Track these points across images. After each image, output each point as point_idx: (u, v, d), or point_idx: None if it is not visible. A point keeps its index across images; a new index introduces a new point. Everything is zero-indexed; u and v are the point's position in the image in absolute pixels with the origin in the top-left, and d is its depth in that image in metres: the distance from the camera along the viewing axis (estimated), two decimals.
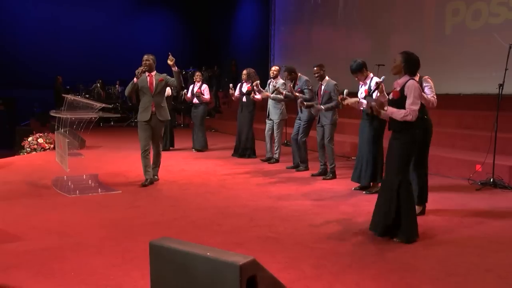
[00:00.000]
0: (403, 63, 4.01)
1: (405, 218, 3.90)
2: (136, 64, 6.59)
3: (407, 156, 4.02)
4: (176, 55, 6.57)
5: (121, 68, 19.64)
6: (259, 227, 4.42)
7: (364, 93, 5.63)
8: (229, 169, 7.50)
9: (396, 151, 3.97)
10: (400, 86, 4.02)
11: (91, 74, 18.15)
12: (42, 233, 4.18)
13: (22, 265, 3.41)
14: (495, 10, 10.10)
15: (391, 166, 4.00)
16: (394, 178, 3.96)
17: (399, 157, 3.96)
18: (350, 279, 3.18)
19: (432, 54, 10.99)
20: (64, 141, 5.72)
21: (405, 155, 4.00)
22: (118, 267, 3.40)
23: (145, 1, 21.21)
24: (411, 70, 4.06)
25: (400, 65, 4.01)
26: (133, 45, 20.87)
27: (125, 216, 4.80)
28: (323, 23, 15.64)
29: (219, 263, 2.44)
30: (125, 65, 19.87)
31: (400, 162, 3.99)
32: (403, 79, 4.04)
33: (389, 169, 4.03)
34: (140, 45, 21.04)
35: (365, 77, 5.79)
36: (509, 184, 6.08)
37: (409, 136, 3.98)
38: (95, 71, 18.81)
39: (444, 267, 3.41)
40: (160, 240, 2.77)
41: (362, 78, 5.79)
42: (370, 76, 5.83)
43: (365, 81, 5.76)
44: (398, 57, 4.05)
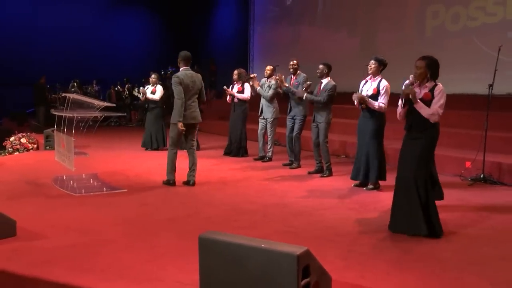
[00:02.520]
0: (427, 69, 4.17)
1: (429, 214, 4.08)
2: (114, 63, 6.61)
3: (429, 153, 4.21)
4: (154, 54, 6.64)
5: (98, 67, 19.46)
6: (274, 222, 4.55)
7: (373, 91, 5.83)
8: (226, 168, 7.60)
9: (419, 149, 4.12)
10: (429, 89, 4.17)
11: (68, 73, 17.84)
12: (62, 231, 4.19)
13: (56, 261, 3.44)
14: (473, 14, 10.52)
15: (410, 164, 4.15)
16: (412, 175, 4.10)
17: (421, 155, 4.11)
18: (379, 269, 3.35)
19: (413, 54, 11.10)
20: (69, 140, 5.70)
21: (428, 153, 4.19)
22: (151, 262, 3.47)
23: (122, 0, 20.99)
24: (436, 74, 4.22)
25: (425, 72, 4.16)
26: (110, 44, 20.68)
27: (138, 213, 4.86)
28: (302, 23, 15.88)
29: (275, 253, 2.56)
30: (102, 64, 19.74)
31: (422, 159, 4.14)
32: (430, 83, 4.19)
33: (406, 166, 4.19)
34: (117, 44, 20.91)
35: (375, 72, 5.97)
36: (498, 180, 6.40)
37: (431, 135, 4.17)
38: (71, 70, 18.52)
39: (463, 257, 3.63)
40: (209, 233, 2.87)
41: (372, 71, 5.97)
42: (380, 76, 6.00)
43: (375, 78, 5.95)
44: (421, 63, 4.17)
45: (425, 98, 4.17)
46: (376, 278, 3.20)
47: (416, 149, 4.14)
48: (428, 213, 4.11)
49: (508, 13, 9.90)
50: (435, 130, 4.17)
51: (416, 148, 4.15)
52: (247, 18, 18.45)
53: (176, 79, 6.03)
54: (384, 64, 5.94)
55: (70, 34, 19.57)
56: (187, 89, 6.03)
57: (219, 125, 13.53)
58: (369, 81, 5.98)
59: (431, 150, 4.22)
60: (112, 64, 19.92)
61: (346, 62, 12.29)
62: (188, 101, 6.04)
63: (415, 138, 4.20)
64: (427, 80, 4.20)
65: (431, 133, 4.16)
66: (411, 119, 4.24)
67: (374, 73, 5.95)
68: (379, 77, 5.92)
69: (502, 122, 7.90)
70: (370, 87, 5.93)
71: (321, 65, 6.94)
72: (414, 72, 4.24)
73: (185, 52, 6.33)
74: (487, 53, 10.10)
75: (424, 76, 4.19)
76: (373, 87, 5.89)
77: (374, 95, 5.83)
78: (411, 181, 4.13)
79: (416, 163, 4.12)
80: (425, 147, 4.14)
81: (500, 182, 6.36)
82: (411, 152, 4.18)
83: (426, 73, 4.17)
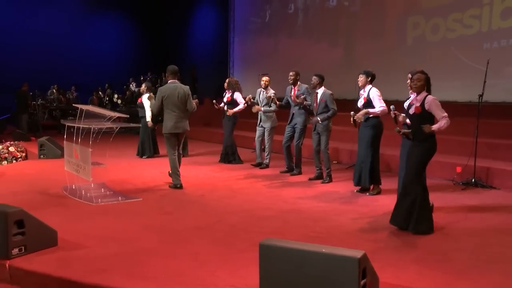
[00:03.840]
0: (425, 82, 4.59)
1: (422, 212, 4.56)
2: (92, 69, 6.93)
3: (428, 159, 4.69)
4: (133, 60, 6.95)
5: (75, 73, 19.32)
6: (297, 228, 4.85)
7: (363, 100, 6.23)
8: (227, 175, 7.85)
9: (420, 155, 4.60)
10: (420, 102, 4.58)
11: (45, 80, 17.72)
12: (99, 240, 4.36)
13: (111, 269, 3.63)
14: (451, 25, 11.11)
15: (411, 167, 4.64)
16: (411, 178, 4.62)
17: (421, 160, 4.62)
18: (410, 269, 3.68)
19: (394, 63, 11.90)
20: (86, 151, 5.83)
21: (427, 159, 4.68)
22: (199, 268, 3.69)
23: (98, 6, 20.89)
24: (429, 87, 4.67)
25: (424, 84, 4.59)
26: (86, 50, 20.55)
27: (162, 222, 5.06)
28: (282, 34, 16.27)
29: (336, 257, 2.85)
30: (80, 70, 19.60)
31: (421, 164, 4.65)
32: (421, 95, 4.61)
33: (407, 169, 4.69)
34: (95, 50, 20.82)
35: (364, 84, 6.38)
36: (487, 183, 6.89)
37: (432, 144, 4.61)
38: (48, 76, 18.36)
39: (480, 257, 4.01)
40: (268, 240, 3.14)
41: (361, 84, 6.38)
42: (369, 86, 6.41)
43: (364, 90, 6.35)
44: (421, 76, 4.62)
45: (416, 111, 4.62)
46: (409, 277, 3.53)
47: (418, 154, 4.63)
48: (424, 212, 4.60)
49: (483, 26, 10.52)
50: (434, 139, 4.61)
51: (418, 154, 4.63)
52: (227, 26, 18.70)
53: (158, 93, 6.60)
54: (371, 75, 6.37)
55: (46, 40, 19.39)
56: (170, 100, 6.49)
57: (205, 132, 13.75)
58: (361, 93, 6.40)
59: (430, 156, 4.69)
60: (90, 70, 19.83)
61: (329, 71, 12.57)
62: (173, 112, 6.50)
63: (417, 146, 4.66)
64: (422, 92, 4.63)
65: (431, 142, 4.62)
66: (414, 128, 4.67)
67: (363, 85, 6.38)
68: (368, 86, 6.34)
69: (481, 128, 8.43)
70: (361, 97, 6.36)
71: (314, 77, 7.29)
72: (412, 84, 4.66)
73: (173, 66, 6.72)
74: (465, 62, 10.76)
75: (423, 89, 4.61)
76: (363, 97, 6.32)
77: (366, 103, 6.26)
78: (410, 182, 4.62)
79: (416, 167, 4.62)
80: (425, 154, 4.64)
81: (489, 185, 6.84)
82: (415, 157, 4.65)
83: (425, 85, 4.58)
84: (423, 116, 4.58)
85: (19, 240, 3.85)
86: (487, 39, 10.43)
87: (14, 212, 3.82)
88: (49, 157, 9.55)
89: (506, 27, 10.13)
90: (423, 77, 4.61)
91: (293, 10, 15.75)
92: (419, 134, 4.62)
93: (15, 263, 3.76)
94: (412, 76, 4.78)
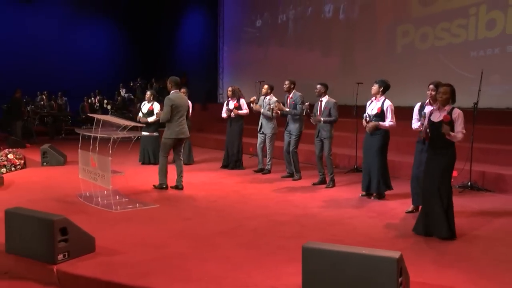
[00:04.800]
0: (451, 94, 4.89)
1: (448, 219, 4.83)
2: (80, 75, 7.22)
3: (452, 167, 4.98)
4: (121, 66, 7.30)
5: (62, 79, 19.30)
6: (315, 231, 5.15)
7: (377, 110, 6.54)
8: (232, 181, 8.12)
9: (444, 164, 4.86)
10: (447, 112, 4.90)
11: (32, 86, 17.69)
12: (132, 246, 4.57)
13: (154, 273, 3.87)
14: (439, 34, 11.60)
15: (435, 176, 4.87)
16: (437, 186, 4.85)
17: (446, 168, 4.88)
18: (429, 269, 4.01)
19: (385, 69, 12.31)
20: (105, 159, 6.03)
21: (452, 167, 4.97)
22: (236, 270, 3.95)
23: (86, 11, 20.91)
24: (455, 98, 4.97)
25: (449, 97, 4.88)
26: (74, 55, 20.56)
27: (186, 227, 5.29)
28: (273, 43, 16.68)
29: (375, 258, 3.16)
30: (66, 76, 19.59)
31: (447, 172, 4.92)
32: (448, 106, 4.92)
33: (432, 178, 4.91)
34: (82, 56, 20.81)
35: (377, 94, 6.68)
36: (483, 186, 7.31)
37: (453, 152, 4.94)
38: (35, 82, 18.33)
39: (497, 257, 4.35)
40: (310, 243, 3.42)
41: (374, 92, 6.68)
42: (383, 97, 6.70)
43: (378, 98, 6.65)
44: (447, 89, 4.87)
45: (445, 119, 4.90)
46: (431, 276, 3.86)
47: (441, 163, 4.88)
48: (448, 219, 4.85)
49: (470, 36, 11.03)
50: (455, 147, 4.93)
51: (441, 162, 4.89)
52: (216, 32, 18.97)
53: (168, 101, 7.08)
54: (385, 85, 6.66)
55: (32, 46, 19.37)
56: (178, 109, 7.11)
57: (199, 138, 13.95)
58: (374, 101, 6.70)
59: (453, 164, 4.98)
60: (78, 76, 19.87)
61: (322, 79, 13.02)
62: (179, 119, 7.13)
63: (439, 154, 4.92)
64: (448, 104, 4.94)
65: (453, 150, 4.92)
66: (435, 137, 4.95)
67: (375, 94, 6.68)
68: (382, 97, 6.64)
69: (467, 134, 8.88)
70: (375, 106, 6.65)
71: (319, 85, 7.63)
72: (438, 97, 4.93)
73: (176, 78, 7.37)
74: (453, 70, 11.22)
75: (448, 101, 4.92)
76: (377, 107, 6.61)
77: (379, 114, 6.55)
78: (436, 191, 4.87)
79: (441, 175, 4.87)
80: (449, 162, 4.91)
81: (485, 188, 7.27)
82: (437, 165, 4.89)
83: (450, 98, 4.90)
84: (449, 124, 4.85)
85: (63, 247, 4.06)
86: (474, 48, 10.94)
87: (59, 220, 4.04)
88: (52, 164, 9.65)
89: (491, 36, 10.65)
90: (448, 90, 4.87)
91: (284, 20, 16.14)
92: (439, 142, 4.89)
93: (62, 268, 3.98)
94: (438, 89, 4.99)
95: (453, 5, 11.27)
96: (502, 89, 10.31)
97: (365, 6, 13.41)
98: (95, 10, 20.89)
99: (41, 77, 18.94)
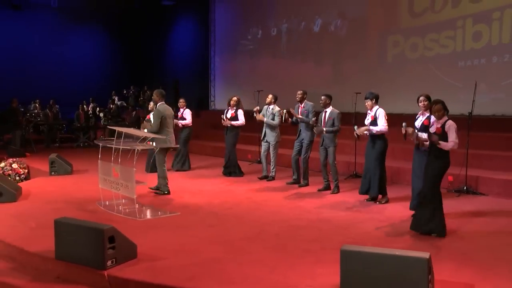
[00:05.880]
0: (443, 109, 5.45)
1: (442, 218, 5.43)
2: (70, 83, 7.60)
3: (444, 172, 5.54)
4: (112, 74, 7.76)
5: (53, 87, 19.44)
6: (334, 235, 5.56)
7: (371, 118, 7.04)
8: (240, 188, 8.50)
9: (437, 170, 5.44)
10: (441, 124, 5.43)
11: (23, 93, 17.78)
12: (170, 252, 4.91)
13: (200, 276, 4.23)
14: (428, 45, 12.21)
15: (429, 180, 5.45)
16: (430, 189, 5.44)
17: (438, 174, 5.47)
18: (447, 267, 4.46)
19: (376, 78, 12.93)
20: (129, 170, 6.35)
21: (443, 172, 5.54)
22: (273, 273, 4.33)
23: (77, 20, 21.07)
24: (447, 109, 5.53)
25: (444, 112, 5.48)
26: (65, 63, 20.70)
27: (212, 234, 5.64)
28: (265, 54, 17.17)
29: (408, 259, 3.58)
30: (57, 84, 19.72)
31: (438, 177, 5.51)
32: (443, 119, 5.47)
33: (426, 182, 5.50)
34: (73, 64, 20.97)
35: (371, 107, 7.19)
36: (477, 190, 7.84)
37: (447, 159, 5.48)
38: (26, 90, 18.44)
39: (497, 255, 4.84)
40: (348, 246, 3.84)
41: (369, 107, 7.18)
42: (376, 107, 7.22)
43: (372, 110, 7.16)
44: (440, 107, 5.48)
45: (438, 132, 5.47)
46: (448, 273, 4.30)
47: (435, 169, 5.47)
48: (443, 218, 5.46)
49: (457, 46, 11.66)
50: (448, 156, 5.48)
51: (435, 168, 5.47)
52: (207, 41, 19.33)
53: (159, 113, 7.66)
54: (374, 96, 7.20)
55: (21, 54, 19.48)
56: (167, 120, 7.68)
57: (196, 145, 14.22)
58: (369, 113, 7.21)
59: (445, 170, 5.57)
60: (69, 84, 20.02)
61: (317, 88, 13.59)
62: (168, 129, 7.70)
63: (434, 161, 5.49)
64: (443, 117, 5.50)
65: (446, 158, 5.50)
66: (432, 146, 5.51)
67: (370, 107, 7.19)
68: (376, 107, 7.16)
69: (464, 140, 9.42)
70: (369, 115, 7.18)
71: (323, 96, 8.07)
72: (435, 116, 5.50)
73: (161, 90, 8.10)
74: (442, 78, 11.83)
75: (444, 115, 5.46)
76: (371, 115, 7.15)
77: (372, 121, 7.07)
78: (429, 193, 5.47)
79: (434, 180, 5.47)
80: (441, 168, 5.50)
81: (479, 192, 7.80)
82: (432, 171, 5.48)
83: (444, 112, 5.44)
84: (442, 136, 5.41)
85: (111, 253, 4.39)
86: (461, 58, 11.57)
87: (108, 229, 4.37)
88: (60, 174, 9.88)
89: (477, 48, 11.30)
90: (441, 107, 5.48)
91: (276, 33, 16.66)
92: (436, 150, 5.46)
93: (111, 273, 4.31)
94: (433, 107, 5.55)
95: (441, 17, 11.89)
96: (488, 97, 10.90)
97: (356, 17, 13.98)
98: (86, 18, 21.09)
99: (31, 85, 19.09)
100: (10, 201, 7.12)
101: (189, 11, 20.46)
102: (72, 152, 14.38)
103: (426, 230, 5.47)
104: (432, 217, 5.43)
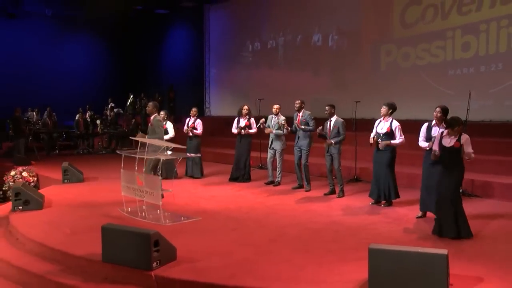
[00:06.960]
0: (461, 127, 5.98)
1: (462, 220, 5.90)
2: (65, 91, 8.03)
3: (461, 180, 6.09)
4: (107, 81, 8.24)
5: (48, 95, 19.64)
6: (350, 236, 6.07)
7: (387, 130, 7.55)
8: (250, 193, 8.98)
9: (456, 178, 5.93)
10: (457, 139, 5.95)
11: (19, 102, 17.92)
12: (204, 254, 5.34)
13: (239, 275, 4.69)
14: (420, 54, 12.85)
15: (449, 188, 5.92)
16: (450, 195, 5.90)
17: (458, 181, 5.98)
18: (461, 264, 4.99)
19: (370, 86, 13.55)
20: (155, 179, 6.78)
21: (461, 180, 6.10)
22: (303, 271, 4.82)
23: (71, 27, 21.30)
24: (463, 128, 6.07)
25: (459, 129, 5.95)
26: (59, 71, 20.92)
27: (237, 237, 6.11)
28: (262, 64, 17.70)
29: (429, 255, 4.10)
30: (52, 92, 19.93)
31: (459, 184, 6.06)
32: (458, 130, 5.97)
33: (446, 189, 5.95)
34: (67, 71, 21.19)
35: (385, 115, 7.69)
36: (473, 193, 8.44)
37: (463, 168, 6.03)
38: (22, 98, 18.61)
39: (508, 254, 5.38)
40: (375, 245, 4.35)
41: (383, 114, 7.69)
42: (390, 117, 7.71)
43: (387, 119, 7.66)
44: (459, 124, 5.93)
45: (455, 146, 5.95)
46: (463, 268, 4.83)
47: (454, 177, 5.94)
48: (463, 221, 5.93)
49: (448, 56, 12.32)
50: (463, 164, 6.00)
51: (453, 176, 5.95)
52: (202, 48, 19.76)
53: (160, 123, 8.36)
54: (393, 107, 7.70)
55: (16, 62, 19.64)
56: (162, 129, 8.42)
57: None
58: (382, 121, 7.72)
59: (463, 177, 6.10)
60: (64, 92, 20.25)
61: (316, 96, 14.24)
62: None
63: (452, 170, 5.96)
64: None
65: (463, 167, 5.99)
66: (446, 159, 5.99)
67: (384, 115, 7.69)
68: (390, 118, 7.67)
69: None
70: (384, 126, 7.66)
71: (327, 106, 8.59)
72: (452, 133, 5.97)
73: (156, 102, 8.68)
74: (433, 86, 12.48)
75: (460, 131, 5.97)
76: (386, 127, 7.63)
77: (388, 133, 7.57)
78: (450, 199, 5.93)
79: (454, 187, 5.94)
80: (460, 176, 6.00)
81: (474, 194, 8.40)
82: (449, 179, 5.94)
83: (460, 130, 5.96)
84: (457, 149, 5.94)
85: (156, 256, 4.84)
86: (452, 67, 12.24)
87: (153, 234, 4.83)
88: (72, 181, 10.21)
89: (466, 57, 11.98)
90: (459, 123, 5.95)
91: (274, 46, 17.23)
92: (452, 163, 5.96)
93: (158, 273, 4.75)
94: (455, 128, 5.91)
95: (432, 28, 12.56)
96: (477, 104, 11.53)
97: (351, 28, 14.60)
98: (81, 26, 21.33)
99: (27, 93, 19.26)
100: (37, 209, 7.49)
101: (182, 19, 20.88)
102: (74, 159, 14.58)
103: (453, 234, 5.84)
104: (456, 221, 5.86)
